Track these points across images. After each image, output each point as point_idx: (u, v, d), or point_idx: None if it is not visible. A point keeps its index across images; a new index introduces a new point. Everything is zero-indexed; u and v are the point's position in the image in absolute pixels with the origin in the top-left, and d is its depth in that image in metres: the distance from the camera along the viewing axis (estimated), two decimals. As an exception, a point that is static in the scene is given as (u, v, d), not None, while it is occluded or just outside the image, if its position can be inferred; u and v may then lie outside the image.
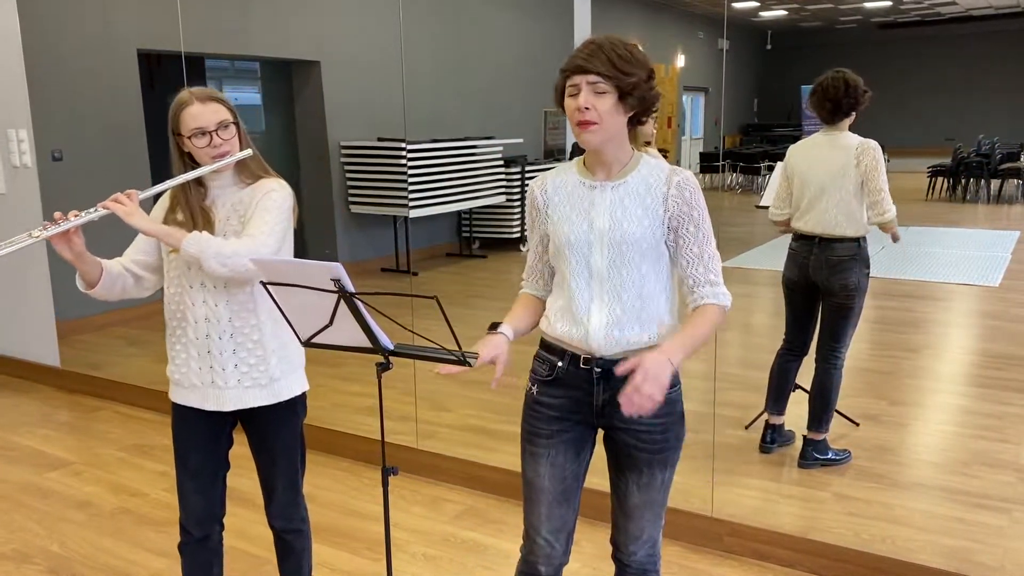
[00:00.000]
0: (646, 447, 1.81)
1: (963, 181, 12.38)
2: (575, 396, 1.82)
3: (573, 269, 1.77)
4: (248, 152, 2.08)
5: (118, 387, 4.72)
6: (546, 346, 1.86)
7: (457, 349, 1.74)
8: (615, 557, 1.97)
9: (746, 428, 3.86)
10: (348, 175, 7.79)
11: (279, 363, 2.15)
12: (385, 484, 1.87)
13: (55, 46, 5.62)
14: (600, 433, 1.90)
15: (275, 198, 2.05)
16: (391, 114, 7.57)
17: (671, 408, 1.82)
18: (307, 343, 1.86)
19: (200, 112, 2.01)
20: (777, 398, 3.64)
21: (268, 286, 1.76)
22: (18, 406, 4.71)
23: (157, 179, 6.03)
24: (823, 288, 3.39)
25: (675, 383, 1.83)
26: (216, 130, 2.01)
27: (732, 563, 2.88)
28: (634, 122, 1.77)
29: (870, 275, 3.38)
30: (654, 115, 3.92)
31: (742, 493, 3.28)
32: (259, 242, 1.96)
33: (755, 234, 8.73)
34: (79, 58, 5.78)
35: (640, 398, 1.58)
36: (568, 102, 1.70)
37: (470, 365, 1.76)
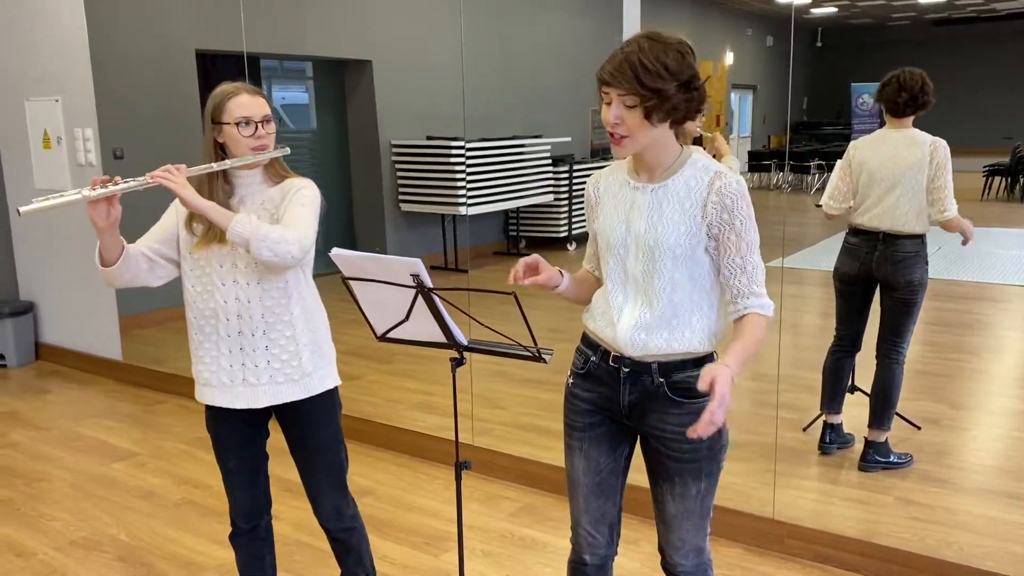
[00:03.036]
0: (675, 455, 1.78)
1: (1021, 180, 12.07)
2: (604, 392, 1.82)
3: (611, 270, 1.78)
4: (286, 150, 2.10)
5: (179, 381, 4.82)
6: (585, 339, 1.87)
7: (533, 344, 1.75)
8: (664, 567, 1.95)
9: (804, 430, 3.81)
10: (399, 173, 7.86)
11: (311, 357, 2.12)
12: (458, 478, 1.89)
13: (119, 47, 5.76)
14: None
15: (308, 194, 2.05)
16: (440, 113, 7.61)
17: (698, 418, 1.74)
18: (382, 337, 1.88)
19: (249, 102, 2.03)
20: (832, 396, 3.61)
21: (349, 281, 1.78)
22: (83, 398, 4.85)
23: (214, 177, 6.15)
24: (886, 284, 3.36)
25: (703, 393, 1.74)
26: (261, 122, 2.03)
27: (793, 565, 2.85)
28: (680, 123, 1.72)
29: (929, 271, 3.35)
30: (702, 115, 3.89)
31: (802, 495, 3.25)
32: (302, 232, 1.95)
33: (806, 234, 8.60)
34: (141, 59, 5.91)
35: (709, 428, 1.54)
36: (603, 111, 1.69)
37: (545, 361, 1.77)
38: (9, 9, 5.24)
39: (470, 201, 7.51)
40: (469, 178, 7.45)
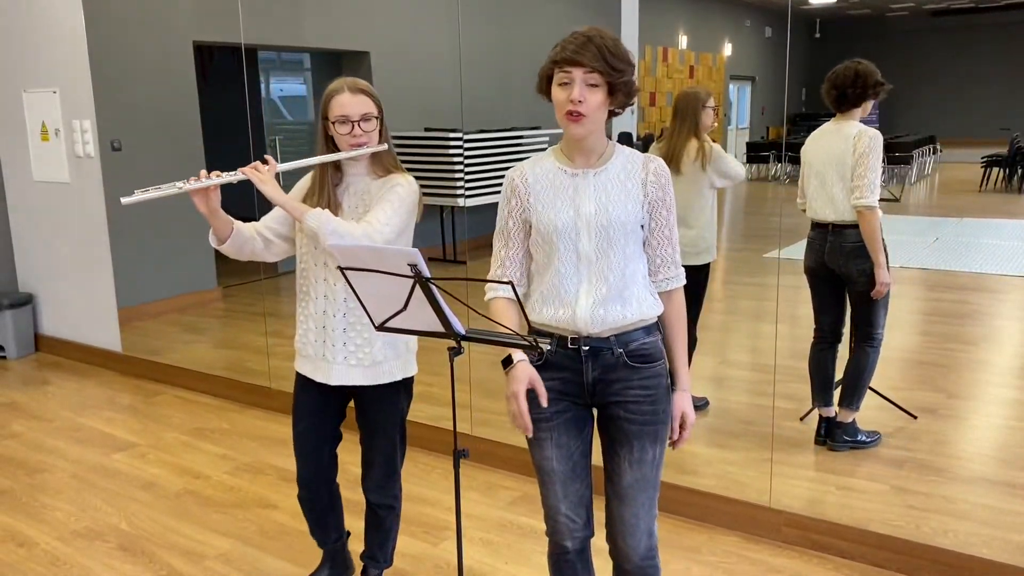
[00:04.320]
0: (635, 419, 1.85)
1: (1019, 171, 12.06)
2: (566, 377, 1.87)
3: (561, 254, 1.82)
4: (383, 147, 2.23)
5: (178, 372, 4.84)
6: (534, 332, 1.89)
7: (529, 334, 1.76)
8: (614, 555, 1.97)
9: (801, 420, 3.83)
10: (396, 165, 7.86)
11: (383, 347, 2.29)
12: (457, 467, 1.91)
13: (116, 38, 5.75)
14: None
15: (399, 192, 2.19)
16: (438, 104, 7.60)
17: (657, 381, 1.86)
18: (381, 327, 1.89)
19: (348, 102, 2.17)
20: (822, 390, 3.64)
21: (346, 271, 1.79)
22: (83, 389, 4.86)
23: (212, 168, 6.15)
24: (842, 275, 3.44)
25: (659, 357, 1.87)
26: (359, 121, 2.17)
27: (791, 554, 2.87)
28: (611, 115, 1.82)
29: (889, 257, 3.39)
30: (714, 107, 3.85)
31: (799, 484, 3.27)
32: (375, 228, 2.10)
33: (803, 225, 8.60)
34: (138, 50, 5.90)
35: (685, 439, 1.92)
36: (558, 92, 1.75)
37: (542, 351, 1.78)
38: (6, 0, 5.23)
39: (468, 193, 7.52)
40: (467, 170, 7.45)
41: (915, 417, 3.81)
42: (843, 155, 3.33)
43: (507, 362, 1.81)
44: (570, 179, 1.83)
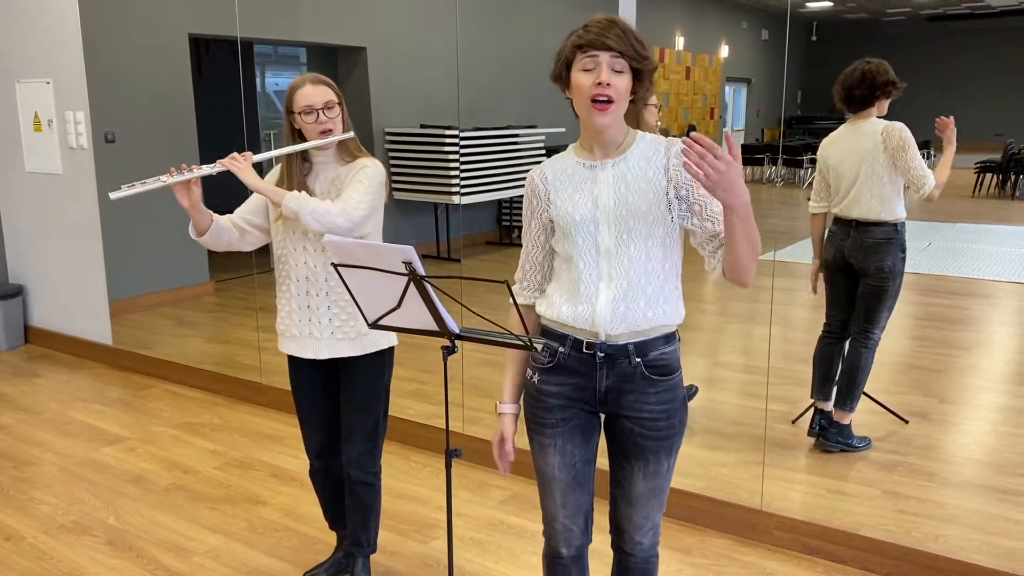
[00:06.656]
0: (651, 434, 1.79)
1: (1013, 177, 12.11)
2: (577, 383, 1.80)
3: (580, 248, 1.75)
4: (350, 134, 2.36)
5: (168, 366, 4.81)
6: (546, 332, 1.84)
7: (524, 333, 1.75)
8: (616, 546, 1.95)
9: (793, 422, 3.83)
10: (392, 161, 7.84)
11: None
12: (448, 466, 1.90)
13: (111, 29, 5.72)
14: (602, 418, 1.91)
15: (369, 172, 2.32)
16: (435, 101, 7.58)
17: (673, 394, 1.80)
18: (374, 325, 1.88)
19: (311, 93, 2.29)
20: (823, 383, 3.65)
21: (339, 268, 1.78)
22: (73, 382, 4.83)
23: (206, 162, 6.11)
24: (858, 270, 3.45)
25: (677, 368, 1.81)
26: (322, 109, 2.29)
27: (781, 557, 2.87)
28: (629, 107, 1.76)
29: (906, 260, 3.42)
30: (657, 105, 3.85)
31: (791, 487, 3.27)
32: (350, 205, 2.24)
33: (798, 228, 8.59)
34: (133, 41, 5.86)
35: (701, 166, 1.49)
36: (582, 77, 1.66)
37: (536, 350, 1.77)
38: (0, -11, 5.19)
39: (463, 190, 7.50)
40: (463, 167, 7.44)
41: (907, 421, 3.82)
42: (873, 152, 3.32)
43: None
44: (588, 171, 1.76)
